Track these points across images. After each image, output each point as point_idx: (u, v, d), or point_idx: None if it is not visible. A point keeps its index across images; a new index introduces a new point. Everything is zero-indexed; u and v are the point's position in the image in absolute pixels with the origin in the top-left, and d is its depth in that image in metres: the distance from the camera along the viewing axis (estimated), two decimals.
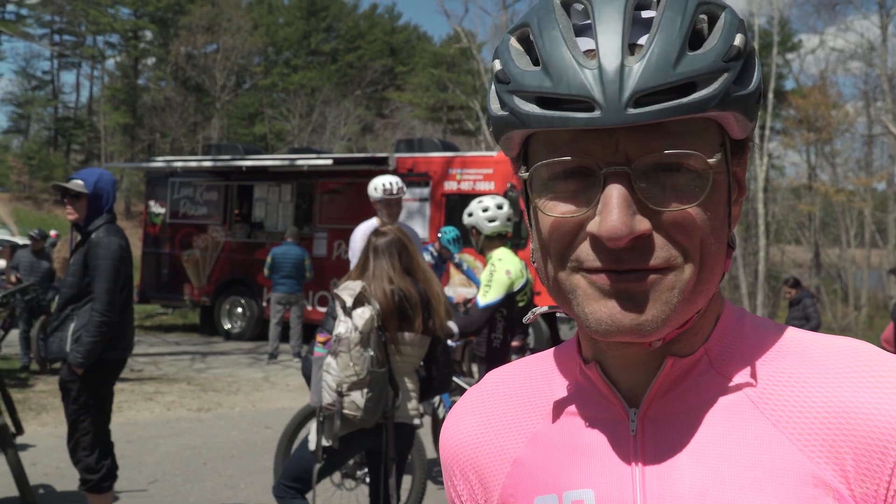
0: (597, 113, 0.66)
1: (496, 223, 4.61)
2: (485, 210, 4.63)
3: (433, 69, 47.03)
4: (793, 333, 0.80)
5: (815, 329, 10.85)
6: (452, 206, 12.44)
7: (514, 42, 0.75)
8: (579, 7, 0.72)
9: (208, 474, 6.01)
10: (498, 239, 4.64)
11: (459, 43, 34.16)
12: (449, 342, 5.89)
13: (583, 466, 0.78)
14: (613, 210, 0.68)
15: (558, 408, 0.84)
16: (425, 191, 12.87)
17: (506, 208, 4.67)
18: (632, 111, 0.66)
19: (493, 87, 0.76)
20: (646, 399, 0.77)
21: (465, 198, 11.34)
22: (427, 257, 6.84)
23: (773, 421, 0.73)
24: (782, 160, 37.45)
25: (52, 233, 11.10)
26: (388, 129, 44.95)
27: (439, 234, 6.73)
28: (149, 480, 5.76)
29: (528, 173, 0.75)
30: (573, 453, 0.80)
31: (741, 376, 0.76)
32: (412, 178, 12.61)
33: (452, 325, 4.46)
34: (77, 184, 4.24)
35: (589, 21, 0.70)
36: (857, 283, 30.26)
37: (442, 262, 6.94)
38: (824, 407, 0.72)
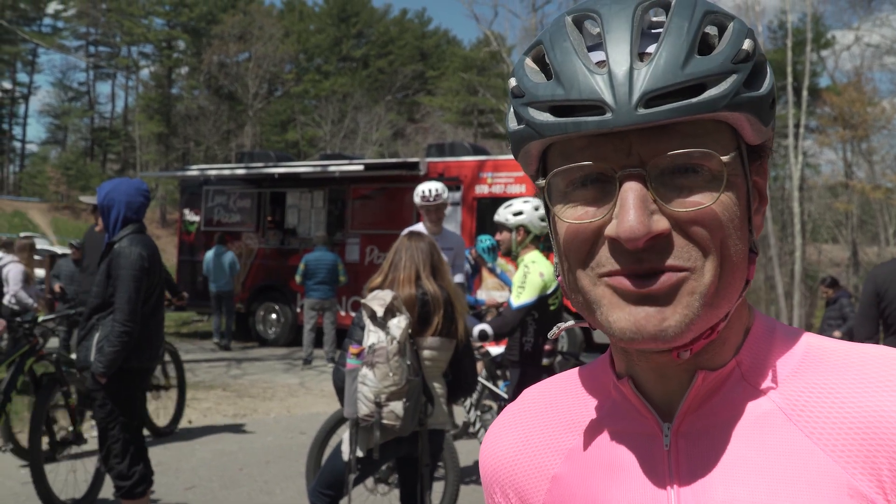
0: (608, 115, 0.68)
1: (546, 223, 4.59)
2: (536, 209, 4.61)
3: (463, 73, 47.07)
4: (824, 343, 0.79)
5: (853, 329, 10.65)
6: (484, 210, 12.42)
7: (528, 61, 0.77)
8: (592, 27, 0.73)
9: (244, 480, 6.06)
10: (534, 241, 4.64)
11: (489, 46, 34.12)
12: (486, 348, 5.94)
13: (619, 484, 0.78)
14: (630, 210, 0.68)
15: (593, 423, 0.84)
16: (456, 195, 12.85)
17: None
18: (642, 111, 0.67)
19: (510, 106, 0.78)
20: (679, 413, 0.77)
21: (497, 201, 11.32)
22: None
23: (806, 433, 0.72)
24: (817, 158, 36.98)
25: None
26: (420, 133, 45.08)
27: (476, 243, 6.81)
28: (186, 486, 5.83)
29: (545, 181, 0.76)
30: (609, 470, 0.80)
31: (773, 388, 0.76)
32: (443, 182, 12.59)
33: (487, 328, 4.46)
34: (92, 197, 4.36)
35: (600, 38, 0.72)
36: None
37: (477, 270, 6.99)
38: (859, 416, 0.71)
